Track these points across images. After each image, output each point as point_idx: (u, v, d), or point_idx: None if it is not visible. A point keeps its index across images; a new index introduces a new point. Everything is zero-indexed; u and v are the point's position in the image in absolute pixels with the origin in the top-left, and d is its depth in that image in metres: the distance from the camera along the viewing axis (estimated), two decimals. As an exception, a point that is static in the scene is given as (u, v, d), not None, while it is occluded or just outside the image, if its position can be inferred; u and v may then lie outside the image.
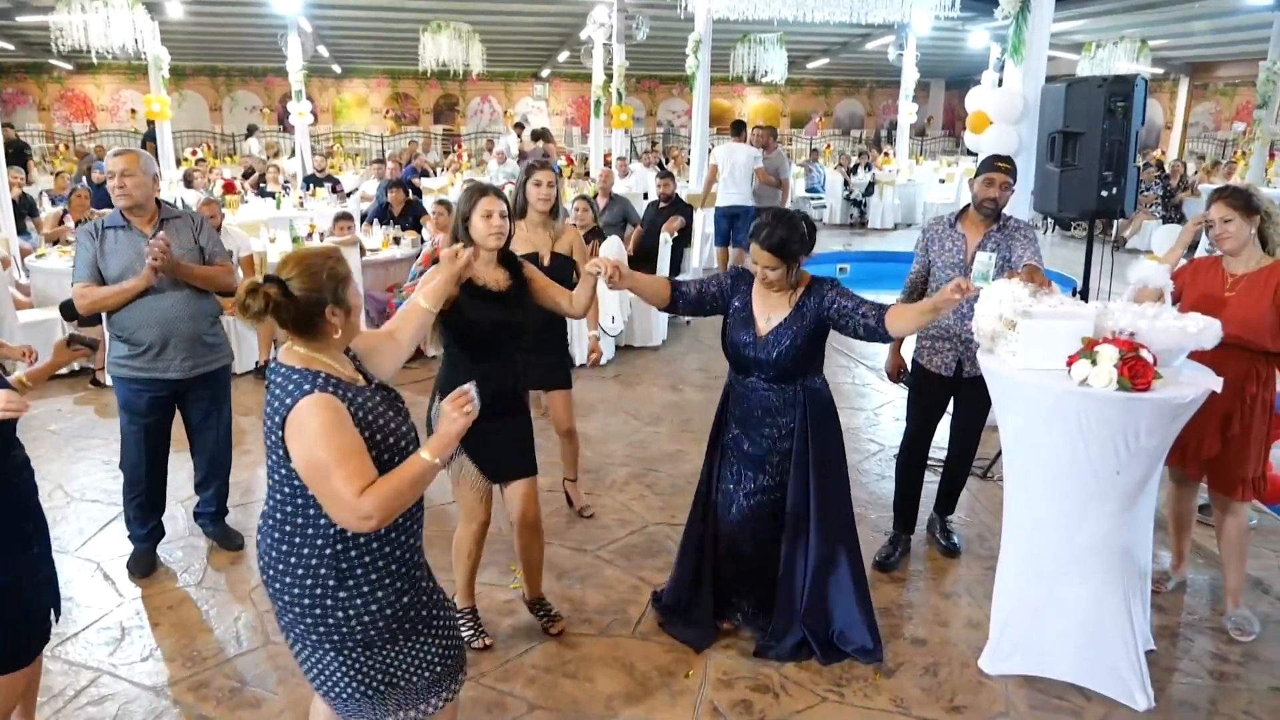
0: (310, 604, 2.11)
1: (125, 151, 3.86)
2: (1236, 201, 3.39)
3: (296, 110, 14.44)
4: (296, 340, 2.12)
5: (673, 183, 9.00)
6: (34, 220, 9.45)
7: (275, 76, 22.15)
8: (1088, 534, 3.07)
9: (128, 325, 3.81)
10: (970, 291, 2.95)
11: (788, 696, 3.20)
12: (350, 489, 1.96)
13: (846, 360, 7.42)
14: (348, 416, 2.03)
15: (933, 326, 3.95)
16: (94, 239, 3.81)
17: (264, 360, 6.88)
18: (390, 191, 9.26)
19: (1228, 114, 24.31)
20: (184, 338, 3.88)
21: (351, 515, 1.98)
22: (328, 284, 2.08)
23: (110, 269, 3.79)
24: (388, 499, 1.98)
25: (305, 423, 2.00)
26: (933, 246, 4.02)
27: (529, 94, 25.69)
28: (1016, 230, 3.89)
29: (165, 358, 3.86)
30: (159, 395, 3.93)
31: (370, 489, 1.97)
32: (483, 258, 3.19)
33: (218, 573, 4.05)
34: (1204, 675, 3.34)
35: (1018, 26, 5.45)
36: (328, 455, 1.97)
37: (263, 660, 3.40)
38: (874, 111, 28.21)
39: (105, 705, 3.14)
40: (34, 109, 22.91)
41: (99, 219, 3.93)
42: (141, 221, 3.86)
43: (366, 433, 2.07)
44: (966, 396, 4.03)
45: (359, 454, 2.01)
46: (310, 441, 1.99)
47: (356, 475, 1.97)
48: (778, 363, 3.24)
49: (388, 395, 2.25)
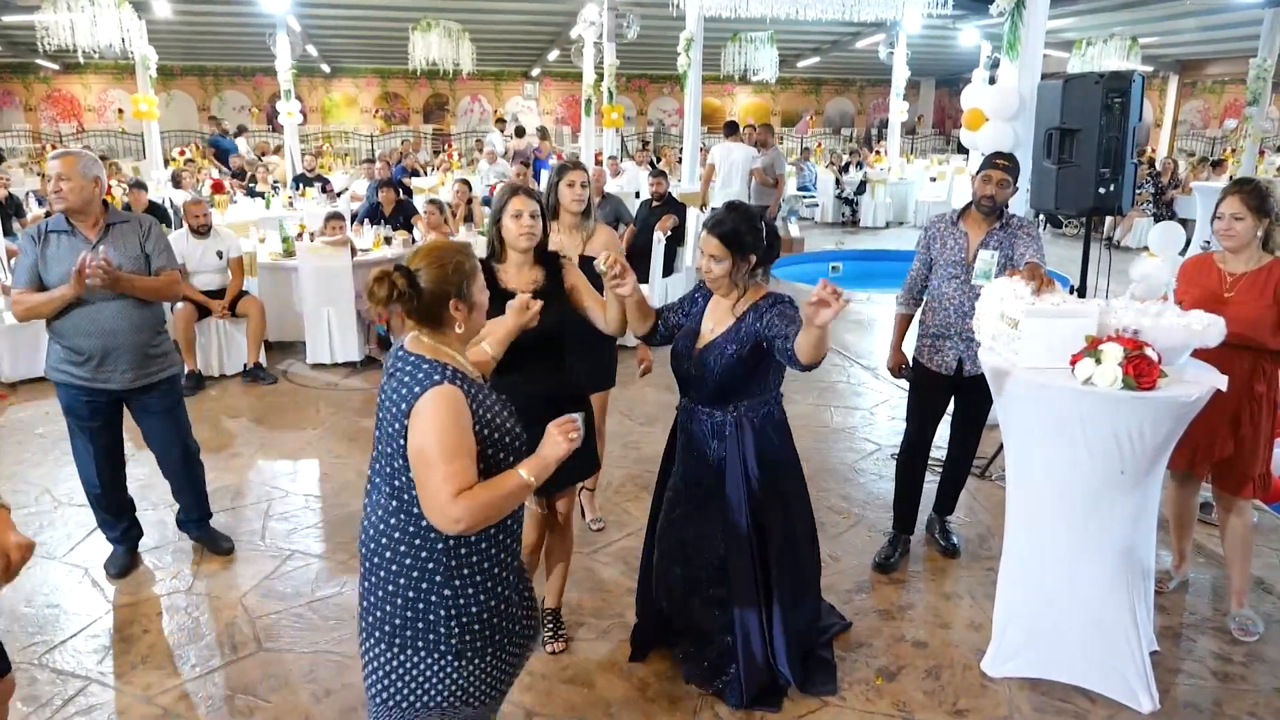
0: (414, 598, 2.08)
1: (64, 154, 3.65)
2: (1252, 201, 3.34)
3: (285, 110, 14.35)
4: (422, 330, 2.12)
5: (666, 182, 8.96)
6: (20, 221, 9.36)
7: (264, 76, 22.01)
8: (1091, 534, 3.04)
9: (66, 333, 3.65)
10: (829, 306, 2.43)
11: (789, 701, 3.15)
12: (448, 488, 1.95)
13: (841, 359, 7.39)
14: (468, 415, 2.03)
15: (933, 325, 3.92)
16: (36, 244, 3.63)
17: (252, 362, 6.81)
18: (381, 191, 9.19)
19: (1216, 112, 24.43)
20: (126, 349, 3.70)
21: (442, 516, 1.97)
22: (454, 278, 2.09)
23: (51, 275, 3.60)
24: (481, 508, 1.98)
25: (427, 412, 1.99)
26: (935, 245, 3.97)
27: (519, 93, 25.61)
28: (1019, 228, 3.85)
29: (106, 368, 3.69)
30: (98, 402, 3.78)
31: (466, 494, 1.97)
32: (514, 259, 3.13)
33: (208, 579, 3.99)
34: (1208, 676, 3.31)
35: (1013, 23, 5.43)
36: (438, 450, 1.97)
37: (255, 667, 3.34)
38: (864, 110, 28.24)
39: (94, 715, 3.08)
40: (20, 109, 22.73)
41: (42, 222, 3.76)
42: (86, 226, 3.67)
43: (485, 430, 2.07)
44: (968, 395, 4.00)
45: (467, 456, 2.01)
46: (427, 432, 1.98)
47: (458, 476, 1.97)
48: (707, 381, 2.95)
49: (499, 395, 2.24)
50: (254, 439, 5.64)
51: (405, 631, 2.10)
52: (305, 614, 3.69)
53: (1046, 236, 14.92)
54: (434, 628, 2.09)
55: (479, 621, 2.12)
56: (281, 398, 6.47)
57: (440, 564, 2.08)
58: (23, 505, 4.65)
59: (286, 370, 7.11)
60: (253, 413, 6.13)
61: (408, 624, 2.10)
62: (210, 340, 6.80)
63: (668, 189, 8.94)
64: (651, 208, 8.75)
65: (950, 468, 4.24)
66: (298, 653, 3.42)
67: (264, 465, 5.24)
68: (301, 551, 4.21)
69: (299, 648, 3.45)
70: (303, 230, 8.15)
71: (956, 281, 3.87)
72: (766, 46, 15.55)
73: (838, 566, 4.06)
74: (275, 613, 3.69)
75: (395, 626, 2.10)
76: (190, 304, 6.56)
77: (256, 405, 6.29)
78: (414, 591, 2.08)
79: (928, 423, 4.10)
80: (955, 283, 3.87)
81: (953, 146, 23.39)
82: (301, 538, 4.36)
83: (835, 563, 4.10)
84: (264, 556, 4.16)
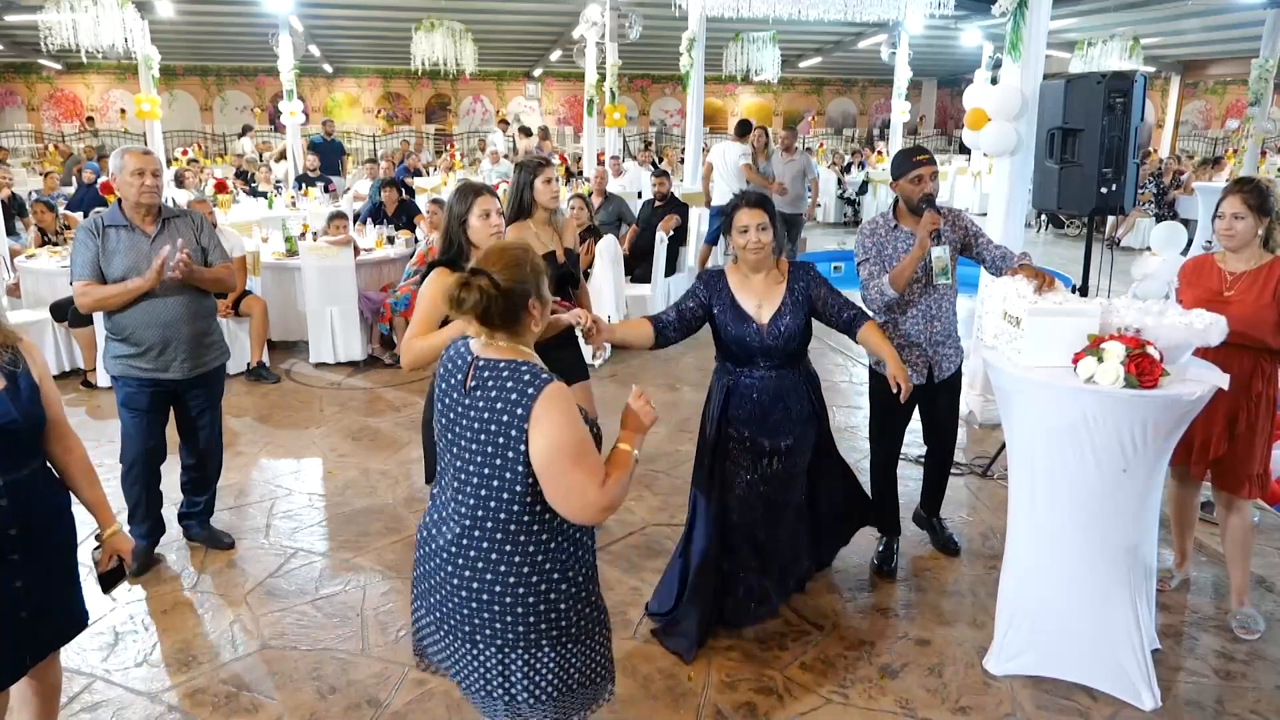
0: (535, 600, 2.07)
1: (147, 150, 3.86)
2: (1252, 200, 3.35)
3: (288, 110, 14.35)
4: (499, 334, 2.08)
5: (668, 181, 8.97)
6: (24, 220, 9.37)
7: (266, 76, 22.05)
8: (1094, 532, 3.05)
9: (128, 325, 3.77)
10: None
11: (791, 698, 3.17)
12: (595, 480, 1.99)
13: (843, 359, 7.39)
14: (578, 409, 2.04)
15: (897, 335, 3.82)
16: (95, 237, 3.75)
17: (255, 361, 6.83)
18: (384, 191, 9.21)
19: (1218, 112, 24.41)
20: (186, 339, 3.86)
21: (592, 509, 1.99)
22: (531, 276, 2.08)
23: (114, 269, 3.74)
24: (621, 491, 2.04)
25: (554, 414, 1.97)
26: (885, 250, 3.77)
27: (521, 93, 25.62)
28: (950, 215, 3.78)
29: (166, 358, 3.83)
30: (160, 393, 3.91)
31: (607, 481, 2.01)
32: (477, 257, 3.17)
33: (212, 576, 4.00)
34: (1210, 674, 3.32)
35: (1015, 23, 5.42)
36: (575, 449, 1.98)
37: (260, 665, 3.35)
38: (866, 110, 28.23)
39: (99, 711, 3.09)
40: (23, 109, 22.76)
41: (98, 216, 3.86)
42: (146, 221, 3.82)
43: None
44: (940, 399, 3.95)
45: (594, 447, 2.05)
46: (558, 433, 1.97)
47: (598, 468, 2.01)
48: (786, 348, 3.26)
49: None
50: (257, 438, 5.65)
51: (528, 636, 2.09)
52: (309, 612, 3.70)
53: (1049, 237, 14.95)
54: (558, 621, 2.10)
55: (588, 604, 2.18)
56: (285, 397, 6.48)
57: (553, 560, 2.09)
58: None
59: (289, 369, 7.12)
60: (256, 412, 6.15)
61: (531, 628, 2.08)
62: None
63: (670, 189, 8.96)
64: (654, 208, 8.77)
65: (939, 467, 4.18)
66: (302, 650, 3.43)
67: (267, 464, 5.26)
68: (305, 550, 4.23)
69: (303, 645, 3.47)
70: (306, 230, 8.17)
71: (918, 285, 3.76)
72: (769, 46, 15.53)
73: (838, 565, 4.07)
74: (279, 610, 3.70)
75: (520, 631, 2.08)
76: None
77: (260, 404, 6.31)
78: (534, 595, 2.07)
79: (900, 434, 4.05)
80: (916, 287, 3.76)
81: (954, 147, 23.37)
82: (305, 536, 4.37)
83: (837, 561, 4.11)
84: (268, 555, 4.17)
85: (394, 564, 4.06)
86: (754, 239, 3.19)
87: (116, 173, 3.77)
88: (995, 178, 5.82)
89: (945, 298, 3.82)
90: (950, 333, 3.86)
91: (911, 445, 4.48)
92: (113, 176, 3.82)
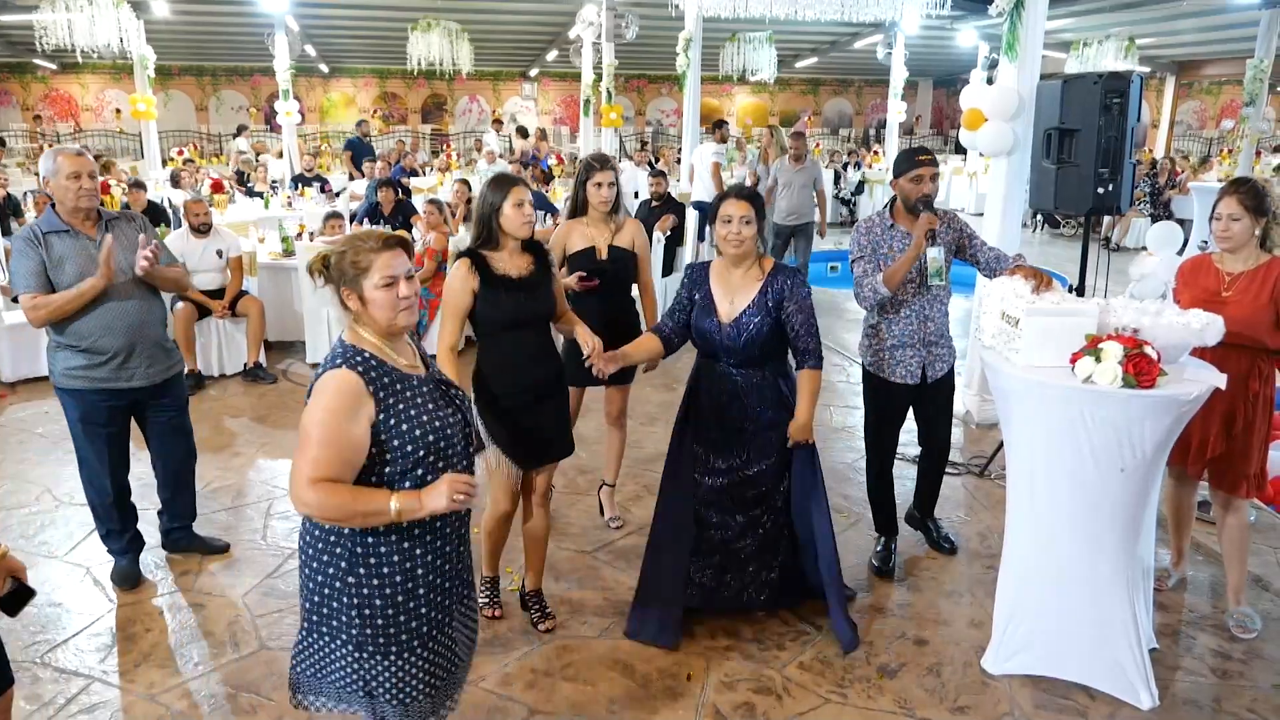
0: (322, 583, 2.11)
1: (81, 151, 3.63)
2: (1249, 201, 3.35)
3: (283, 110, 14.34)
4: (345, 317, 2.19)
5: (665, 181, 8.97)
6: (19, 220, 9.35)
7: (262, 76, 21.99)
8: (1092, 532, 3.05)
9: (89, 332, 3.57)
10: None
11: (790, 698, 3.17)
12: (307, 471, 1.97)
13: (840, 359, 7.40)
14: (363, 407, 2.03)
15: (890, 336, 3.82)
16: (36, 246, 3.52)
17: (252, 362, 6.81)
18: (380, 191, 9.20)
19: (1213, 113, 24.45)
20: (148, 344, 3.70)
21: (295, 496, 2.01)
22: (350, 269, 2.11)
23: (66, 277, 3.53)
24: (332, 508, 1.99)
25: (319, 391, 2.04)
26: (880, 249, 3.76)
27: (518, 93, 25.60)
28: (949, 217, 3.79)
29: (129, 366, 3.66)
30: (118, 405, 3.73)
31: (324, 485, 1.97)
32: (508, 246, 3.25)
33: (210, 577, 3.99)
34: (1207, 673, 3.32)
35: (1012, 23, 5.42)
36: (314, 431, 2.00)
37: (257, 665, 3.34)
38: (862, 110, 28.24)
39: (96, 713, 3.09)
40: (18, 109, 22.68)
41: (34, 225, 3.63)
42: (87, 225, 3.64)
43: (404, 426, 2.07)
44: (934, 398, 3.95)
45: (343, 449, 2.00)
46: (313, 410, 2.02)
47: (322, 464, 1.98)
48: (745, 349, 3.25)
49: (446, 390, 2.25)
50: (254, 438, 5.64)
51: (313, 616, 2.14)
52: (307, 612, 3.69)
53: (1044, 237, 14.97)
54: (337, 615, 2.12)
55: (382, 617, 2.10)
56: (282, 397, 6.47)
57: (346, 550, 2.09)
58: (23, 505, 4.65)
59: (286, 370, 7.11)
60: (253, 412, 6.14)
61: (315, 608, 2.13)
62: (210, 340, 6.80)
63: (667, 189, 8.96)
64: (651, 208, 8.76)
65: (934, 467, 4.17)
66: (300, 651, 3.42)
67: (264, 465, 5.25)
68: (303, 550, 4.22)
69: (301, 646, 3.46)
70: (302, 230, 8.15)
71: (911, 286, 3.75)
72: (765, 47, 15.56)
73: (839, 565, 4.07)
74: (277, 611, 3.70)
75: (306, 609, 2.15)
76: (190, 304, 6.56)
77: (257, 405, 6.30)
78: (322, 576, 2.11)
79: (895, 435, 4.05)
80: (910, 288, 3.75)
81: (950, 147, 23.41)
82: (303, 537, 4.36)
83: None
84: (265, 555, 4.17)
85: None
86: (735, 230, 3.19)
87: (50, 176, 3.54)
88: (992, 178, 5.83)
89: (939, 299, 3.82)
90: (943, 333, 3.87)
91: (908, 445, 4.48)
92: (45, 181, 3.60)
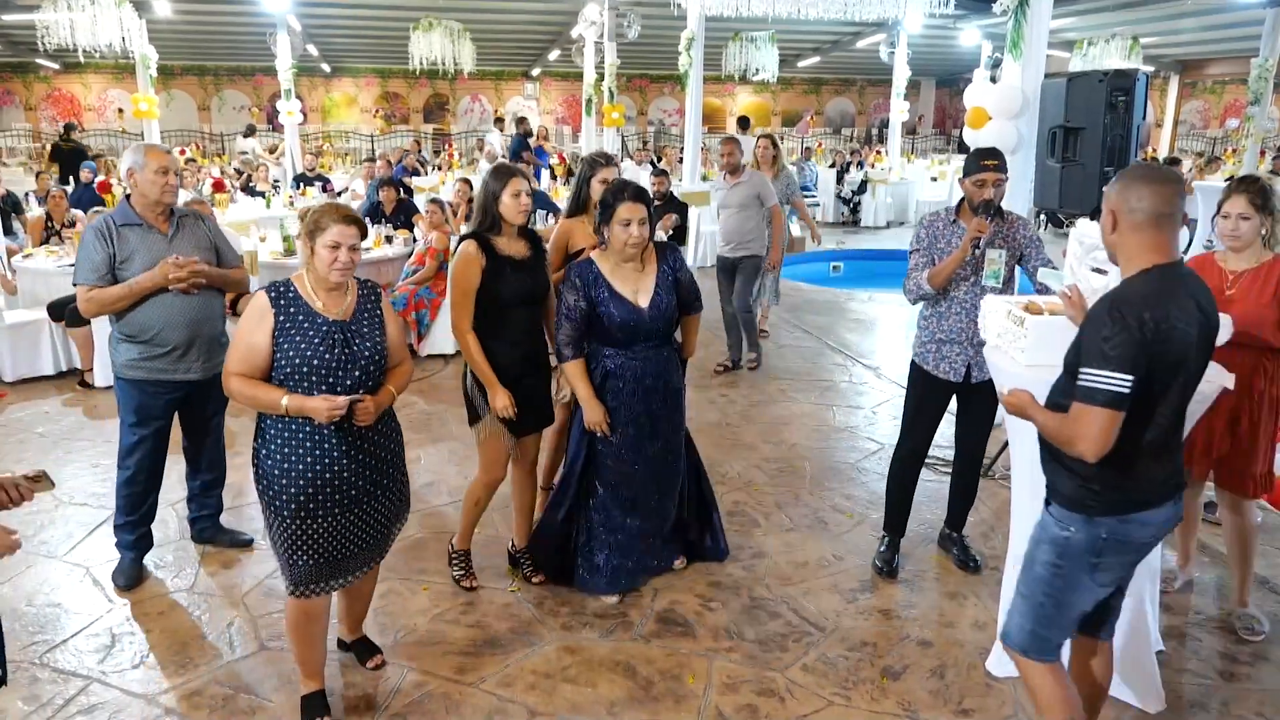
0: (253, 452, 2.85)
1: (169, 149, 3.84)
2: (1258, 200, 3.32)
3: (286, 109, 14.34)
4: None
5: (668, 180, 8.95)
6: (19, 218, 9.34)
7: (264, 76, 21.99)
8: (1097, 533, 3.02)
9: (150, 325, 3.68)
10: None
11: (793, 700, 3.15)
12: (230, 366, 2.76)
13: (843, 359, 7.37)
14: (266, 321, 2.72)
15: (940, 330, 3.80)
16: (107, 242, 3.63)
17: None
18: (382, 190, 9.19)
19: (1216, 112, 24.42)
20: (206, 338, 3.81)
21: (223, 381, 2.79)
22: (312, 225, 2.76)
23: (133, 272, 3.63)
24: (241, 394, 2.75)
25: (248, 305, 2.76)
26: (939, 244, 3.80)
27: (520, 93, 25.60)
28: (1016, 222, 3.77)
29: (188, 359, 3.78)
30: (174, 397, 3.85)
31: (239, 377, 2.73)
32: (507, 232, 3.51)
33: (210, 578, 3.97)
34: (1214, 676, 3.30)
35: (1016, 22, 5.40)
36: (238, 333, 2.75)
37: (257, 666, 3.33)
38: (865, 110, 28.22)
39: (95, 714, 3.07)
40: (20, 109, 22.71)
41: (108, 218, 3.73)
42: (160, 220, 3.75)
43: (289, 347, 2.71)
44: (975, 402, 3.89)
45: (252, 352, 2.72)
46: (241, 319, 2.77)
47: (234, 361, 2.75)
48: (666, 327, 3.54)
49: (342, 334, 2.77)
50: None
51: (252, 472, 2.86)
52: (307, 613, 3.67)
53: (1047, 236, 14.93)
54: (257, 479, 2.82)
55: (268, 478, 2.77)
56: (282, 397, 6.44)
57: (261, 431, 2.83)
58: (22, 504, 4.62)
59: (287, 369, 7.08)
60: (253, 411, 6.10)
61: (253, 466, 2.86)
62: (211, 339, 6.77)
63: (669, 188, 8.94)
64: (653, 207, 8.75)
65: (965, 478, 4.09)
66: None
67: (265, 464, 5.22)
68: (303, 550, 4.20)
69: (301, 647, 3.44)
70: (303, 229, 8.12)
71: (965, 284, 3.74)
72: (767, 46, 15.55)
73: (840, 566, 4.06)
74: (277, 611, 3.67)
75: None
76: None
77: (257, 404, 6.27)
78: (253, 449, 2.85)
79: (929, 432, 4.00)
80: (964, 285, 3.74)
81: (953, 146, 23.38)
82: (303, 537, 4.34)
83: (839, 561, 4.10)
84: (266, 555, 4.14)
85: (393, 564, 4.03)
86: (634, 233, 3.35)
87: (137, 170, 3.63)
88: (996, 177, 5.79)
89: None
90: None
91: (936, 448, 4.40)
92: (129, 173, 3.68)
